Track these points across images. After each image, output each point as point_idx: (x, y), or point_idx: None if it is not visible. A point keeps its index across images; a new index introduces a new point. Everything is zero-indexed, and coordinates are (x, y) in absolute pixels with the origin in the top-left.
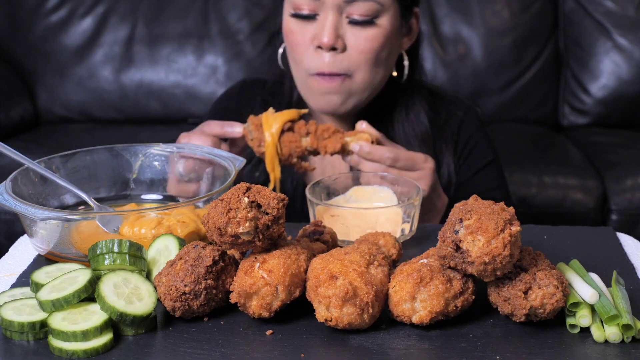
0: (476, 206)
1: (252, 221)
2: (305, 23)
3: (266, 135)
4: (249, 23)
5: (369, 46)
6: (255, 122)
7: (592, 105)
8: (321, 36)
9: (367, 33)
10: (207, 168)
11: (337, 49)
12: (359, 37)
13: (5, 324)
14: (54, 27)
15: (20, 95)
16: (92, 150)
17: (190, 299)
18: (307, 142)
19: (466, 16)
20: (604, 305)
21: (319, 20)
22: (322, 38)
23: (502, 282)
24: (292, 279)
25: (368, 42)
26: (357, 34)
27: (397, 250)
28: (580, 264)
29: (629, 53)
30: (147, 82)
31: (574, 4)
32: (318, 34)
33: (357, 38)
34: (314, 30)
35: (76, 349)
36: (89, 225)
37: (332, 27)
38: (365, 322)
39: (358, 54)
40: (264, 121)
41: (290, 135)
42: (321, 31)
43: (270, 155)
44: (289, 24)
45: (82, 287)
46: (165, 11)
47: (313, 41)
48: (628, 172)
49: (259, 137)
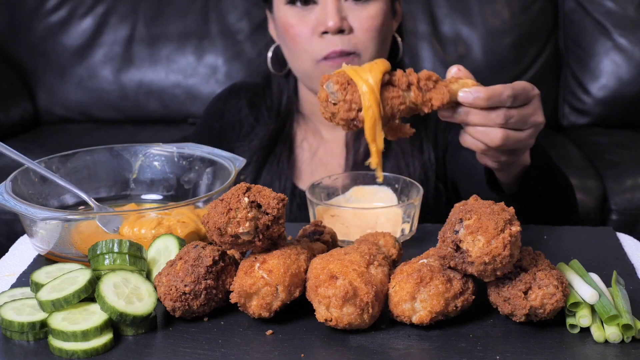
0: (476, 206)
1: (252, 221)
2: (303, 12)
3: (363, 89)
4: (249, 23)
5: (373, 24)
6: (341, 80)
7: (592, 105)
8: (326, 20)
9: (368, 11)
10: (207, 168)
11: (344, 30)
12: (362, 16)
13: (5, 324)
14: (54, 27)
15: (20, 95)
16: (92, 150)
17: (190, 299)
18: (411, 97)
19: (466, 16)
20: (604, 305)
21: (319, 5)
22: (328, 22)
23: (502, 282)
24: (292, 279)
25: (371, 19)
26: (360, 13)
27: (397, 250)
28: (580, 264)
29: (629, 53)
30: (147, 82)
31: (574, 4)
32: (322, 19)
33: (361, 17)
34: (316, 16)
35: (76, 349)
36: (89, 225)
37: (335, 10)
38: (365, 322)
39: (364, 32)
40: (353, 75)
41: (390, 90)
42: (325, 16)
43: (372, 117)
44: (286, 17)
45: (82, 287)
46: (165, 11)
47: (317, 28)
48: (628, 172)
49: (350, 98)
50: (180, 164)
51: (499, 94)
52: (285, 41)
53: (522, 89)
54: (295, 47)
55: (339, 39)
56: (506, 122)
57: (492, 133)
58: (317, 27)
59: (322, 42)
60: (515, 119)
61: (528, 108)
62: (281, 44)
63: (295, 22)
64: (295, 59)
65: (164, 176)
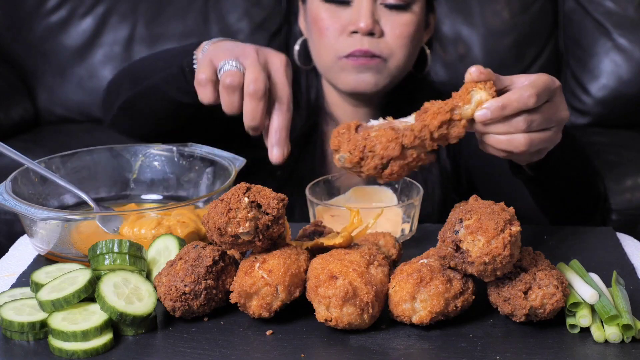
0: (476, 206)
1: (252, 221)
2: (337, 9)
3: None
4: (249, 23)
5: (405, 31)
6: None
7: (592, 105)
8: (358, 21)
9: (402, 18)
10: (207, 168)
11: (374, 34)
12: (395, 22)
13: (5, 324)
14: (54, 27)
15: (20, 95)
16: (92, 150)
17: (190, 299)
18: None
19: (466, 16)
20: (604, 305)
21: (353, 6)
22: (360, 23)
23: (502, 282)
24: (292, 279)
25: (404, 27)
26: (393, 19)
27: (397, 250)
28: (580, 264)
29: (629, 53)
30: None
31: (574, 4)
32: (354, 19)
33: (393, 23)
34: (348, 16)
35: (76, 349)
36: (89, 225)
37: (369, 12)
38: (365, 322)
39: (394, 39)
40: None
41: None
42: (357, 16)
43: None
44: (319, 11)
45: (82, 287)
46: (165, 11)
47: (348, 27)
48: (628, 172)
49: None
50: (180, 164)
51: (518, 99)
52: (312, 34)
53: (544, 86)
54: (322, 40)
55: (368, 40)
56: (529, 127)
57: (515, 140)
58: (347, 26)
59: (349, 40)
60: (538, 121)
61: (551, 106)
62: (308, 37)
63: (327, 16)
64: (319, 53)
65: (164, 176)
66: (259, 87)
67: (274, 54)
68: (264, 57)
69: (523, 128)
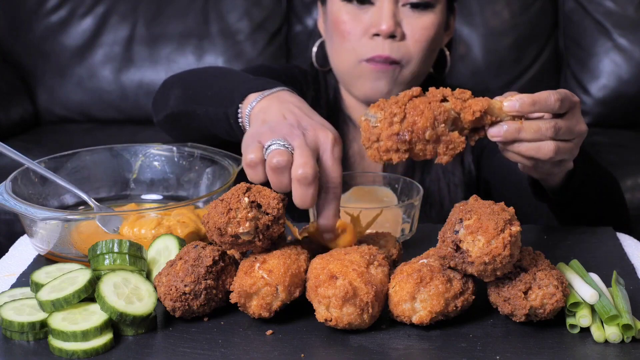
0: (476, 206)
1: (252, 221)
2: (358, 11)
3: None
4: (249, 23)
5: (426, 34)
6: (374, 106)
7: (592, 105)
8: (380, 24)
9: (424, 21)
10: (207, 168)
11: (395, 36)
12: (416, 25)
13: (5, 324)
14: (54, 27)
15: (20, 95)
16: (92, 150)
17: (190, 299)
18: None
19: (466, 16)
20: (604, 305)
21: (375, 7)
22: (381, 25)
23: (502, 282)
24: (292, 279)
25: (425, 30)
26: (415, 21)
27: (397, 250)
28: (580, 264)
29: (629, 53)
30: (147, 82)
31: (574, 4)
32: (375, 21)
33: (414, 26)
34: (370, 18)
35: (76, 349)
36: (89, 225)
37: (391, 14)
38: (365, 322)
39: (415, 42)
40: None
41: (423, 99)
42: (379, 18)
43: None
44: (340, 13)
45: (82, 287)
46: (165, 11)
47: (370, 29)
48: (628, 172)
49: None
50: (180, 164)
51: (544, 98)
52: (333, 37)
53: (565, 95)
54: (343, 44)
55: (389, 44)
56: (556, 134)
57: (544, 147)
58: (369, 28)
59: (370, 44)
60: (563, 130)
61: (572, 118)
62: (327, 39)
63: (348, 19)
64: (339, 56)
65: (164, 176)
66: (307, 172)
67: (323, 131)
68: (312, 137)
69: (551, 135)
